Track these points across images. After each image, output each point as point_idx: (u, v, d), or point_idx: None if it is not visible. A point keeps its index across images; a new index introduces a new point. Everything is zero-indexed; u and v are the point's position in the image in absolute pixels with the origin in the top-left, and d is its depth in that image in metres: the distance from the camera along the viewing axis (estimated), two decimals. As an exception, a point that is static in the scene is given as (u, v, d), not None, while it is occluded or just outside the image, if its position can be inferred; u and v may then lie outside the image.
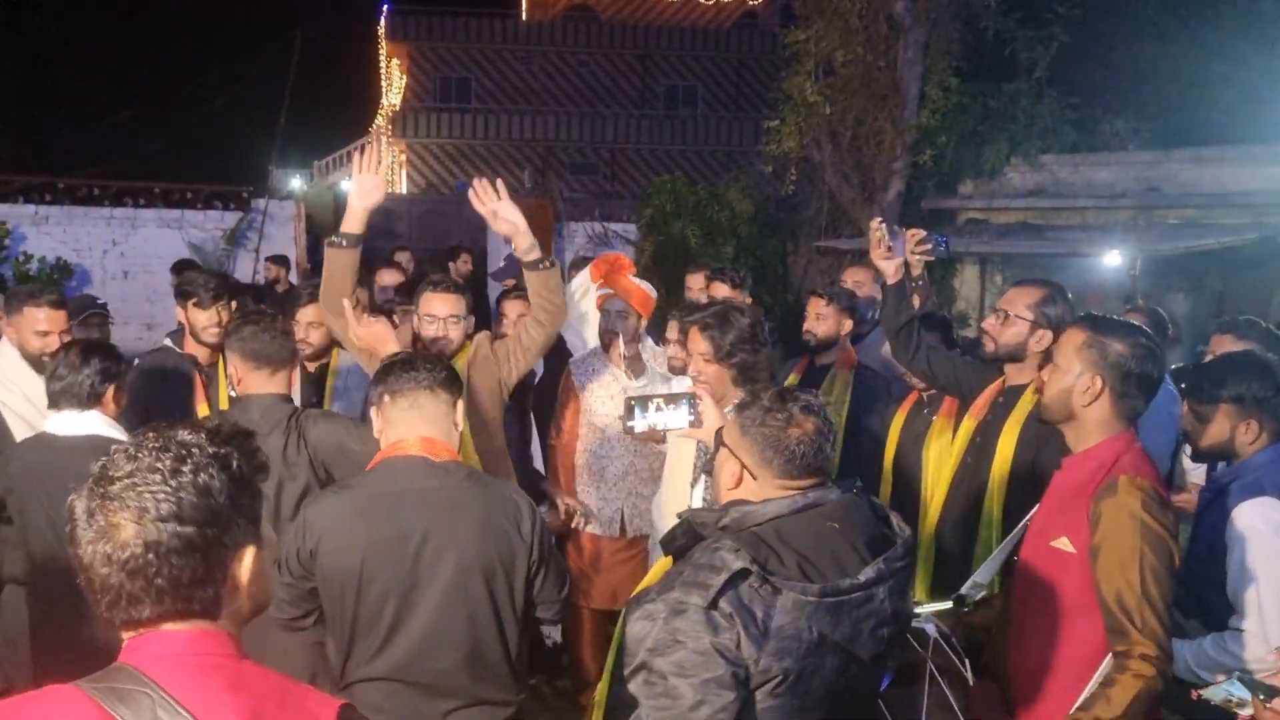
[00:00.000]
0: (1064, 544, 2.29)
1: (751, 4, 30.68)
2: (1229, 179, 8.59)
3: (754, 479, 1.91)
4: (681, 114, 30.07)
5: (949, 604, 2.69)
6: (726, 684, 1.64)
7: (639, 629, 1.73)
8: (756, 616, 1.67)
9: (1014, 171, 9.96)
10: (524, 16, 30.51)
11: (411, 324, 3.68)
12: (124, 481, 1.17)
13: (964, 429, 3.23)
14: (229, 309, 3.82)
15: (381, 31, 29.77)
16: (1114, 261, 7.59)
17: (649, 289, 4.14)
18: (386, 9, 29.42)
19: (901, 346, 3.42)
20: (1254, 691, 1.94)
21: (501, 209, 3.31)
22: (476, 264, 8.74)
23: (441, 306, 3.36)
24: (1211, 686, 2.03)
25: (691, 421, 2.67)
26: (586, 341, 3.66)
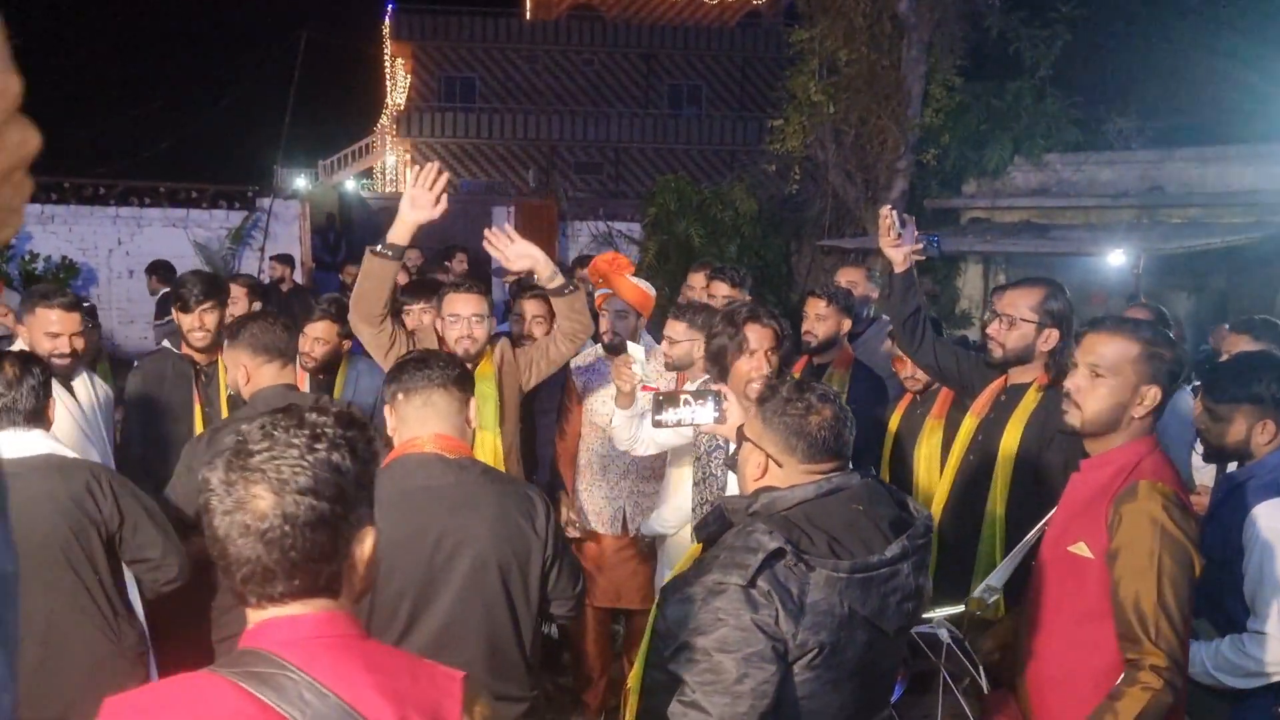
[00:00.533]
0: (1082, 549, 2.24)
1: (755, 3, 30.67)
2: (1233, 178, 8.58)
3: (779, 467, 1.99)
4: (685, 113, 30.07)
5: (961, 608, 2.67)
6: (768, 657, 1.73)
7: (679, 611, 1.81)
8: (792, 593, 1.76)
9: (1017, 170, 9.95)
10: (528, 16, 30.52)
11: (427, 323, 3.71)
12: (263, 454, 1.19)
13: (966, 427, 3.22)
14: (217, 312, 3.80)
15: (386, 31, 29.81)
16: (1117, 260, 7.58)
17: (648, 288, 4.15)
18: (391, 8, 29.46)
19: (907, 337, 3.39)
20: None
21: (515, 250, 3.36)
22: (481, 263, 8.75)
23: (466, 306, 3.40)
24: None
25: (717, 418, 2.70)
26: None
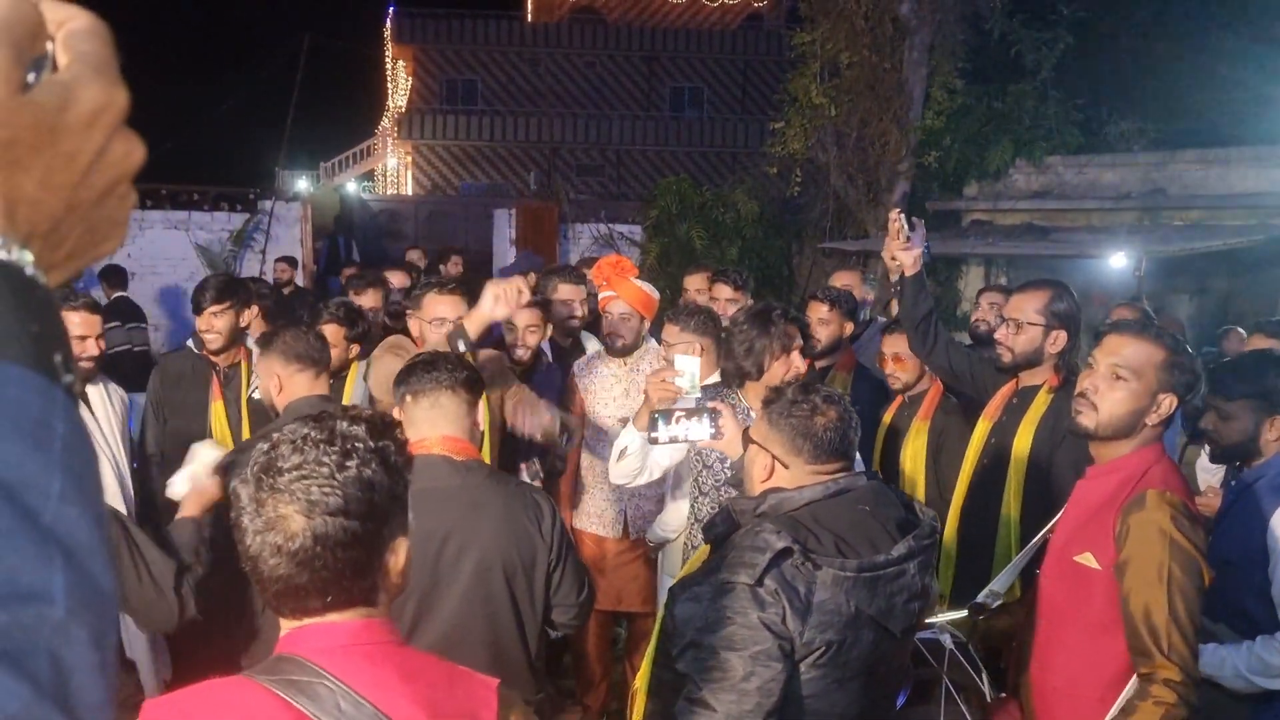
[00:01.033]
0: (1088, 560, 2.22)
1: (757, 6, 30.69)
2: (1235, 180, 8.57)
3: (785, 468, 2.00)
4: (687, 116, 30.09)
5: (964, 613, 2.65)
6: (774, 656, 1.74)
7: (687, 610, 1.83)
8: (799, 592, 1.77)
9: (1019, 173, 9.95)
10: (529, 18, 30.54)
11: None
12: (292, 474, 1.18)
13: (979, 431, 3.24)
14: (230, 315, 3.82)
15: (387, 34, 29.84)
16: (1119, 263, 7.57)
17: (651, 291, 4.15)
18: (393, 11, 29.50)
19: (919, 339, 3.40)
20: None
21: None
22: (480, 266, 8.77)
23: (449, 308, 3.36)
24: None
25: (713, 434, 2.69)
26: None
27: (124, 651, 2.66)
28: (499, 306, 3.01)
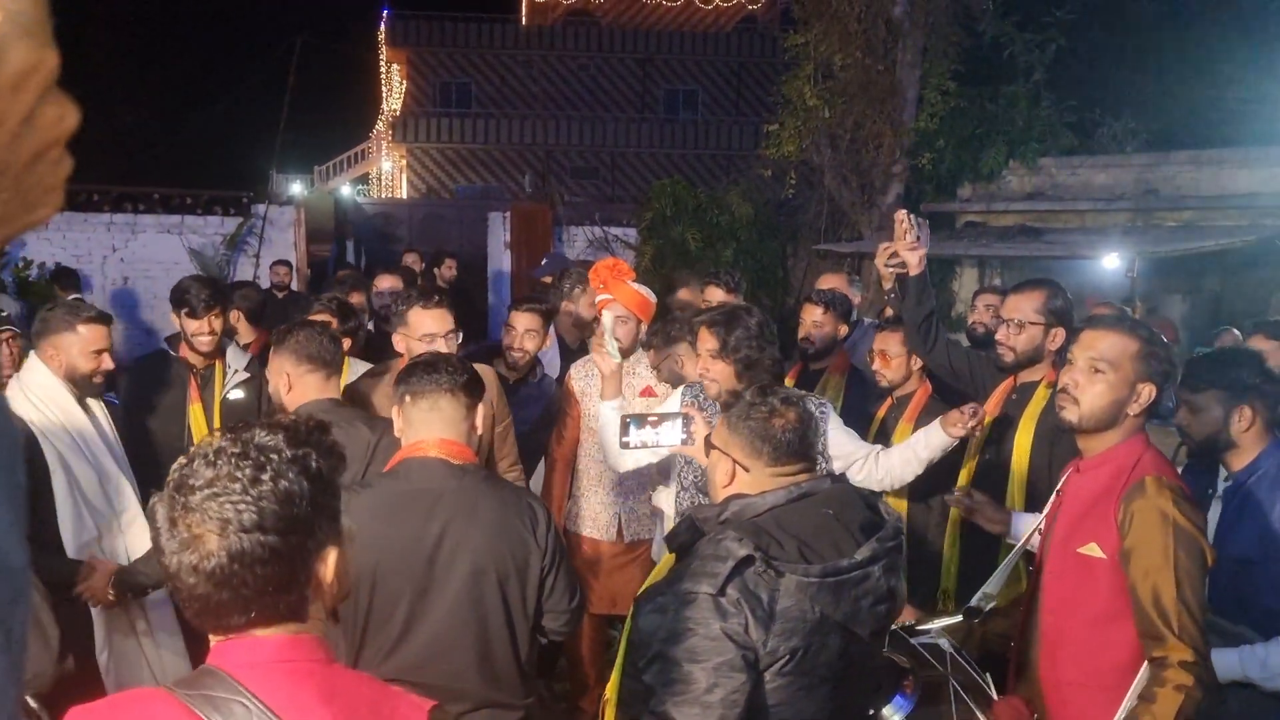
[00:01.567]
0: (1093, 550, 2.24)
1: (751, 8, 30.73)
2: (1227, 181, 8.61)
3: (747, 472, 1.99)
4: (681, 118, 30.11)
5: (959, 618, 2.66)
6: (737, 666, 1.72)
7: (651, 622, 1.81)
8: (762, 600, 1.76)
9: (1012, 174, 9.98)
10: (524, 21, 30.55)
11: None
12: (204, 492, 1.14)
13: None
14: (222, 317, 3.82)
15: (382, 37, 29.83)
16: (1112, 264, 7.60)
17: (649, 294, 4.14)
18: (387, 14, 29.49)
19: (920, 340, 3.47)
20: None
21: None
22: (475, 268, 8.77)
23: (436, 323, 3.26)
24: None
25: (684, 440, 2.71)
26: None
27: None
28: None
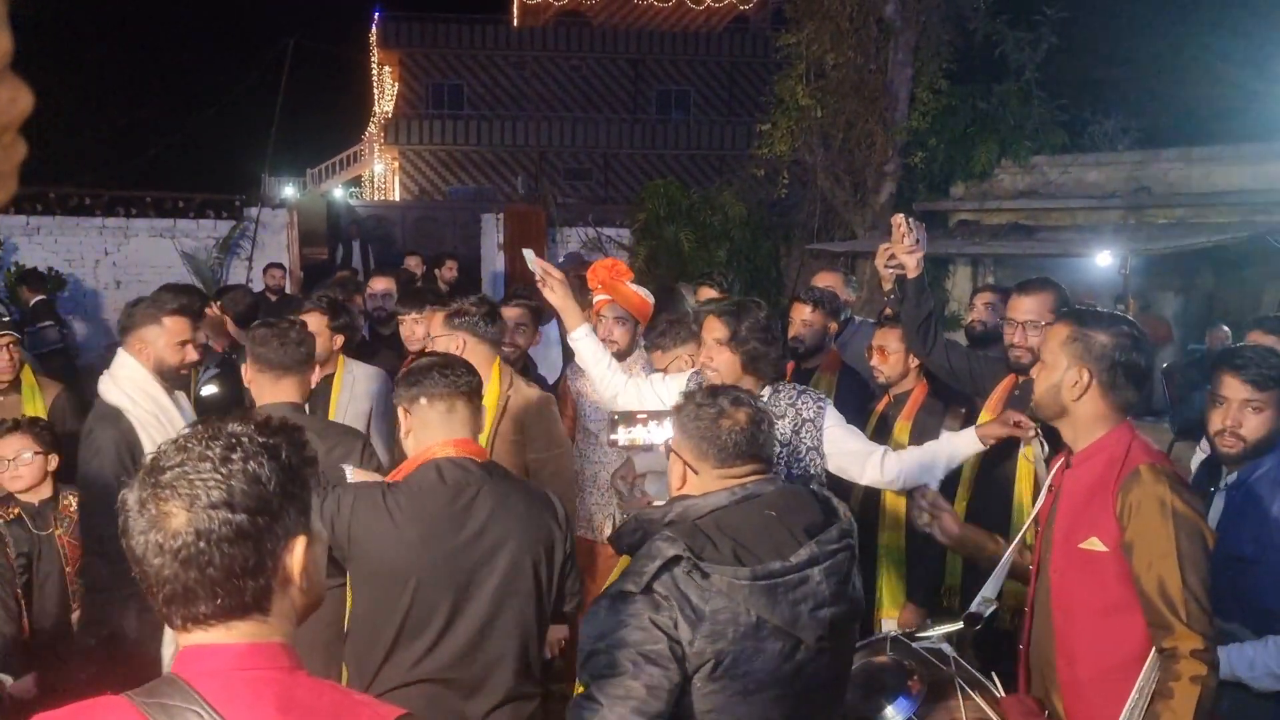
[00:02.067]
0: (1094, 544, 2.24)
1: (743, 8, 30.76)
2: (1218, 178, 8.63)
3: (695, 474, 1.98)
4: (674, 118, 30.13)
5: (959, 624, 2.65)
6: (665, 656, 1.71)
7: (591, 623, 1.81)
8: (690, 600, 1.74)
9: (1005, 173, 10.00)
10: (515, 22, 30.55)
11: (419, 334, 3.69)
12: (174, 470, 1.16)
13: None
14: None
15: (373, 39, 29.79)
16: (1105, 261, 7.62)
17: (647, 295, 4.14)
18: (378, 16, 29.45)
19: (920, 340, 3.49)
20: None
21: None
22: (469, 270, 8.78)
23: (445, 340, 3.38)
24: None
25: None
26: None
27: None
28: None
